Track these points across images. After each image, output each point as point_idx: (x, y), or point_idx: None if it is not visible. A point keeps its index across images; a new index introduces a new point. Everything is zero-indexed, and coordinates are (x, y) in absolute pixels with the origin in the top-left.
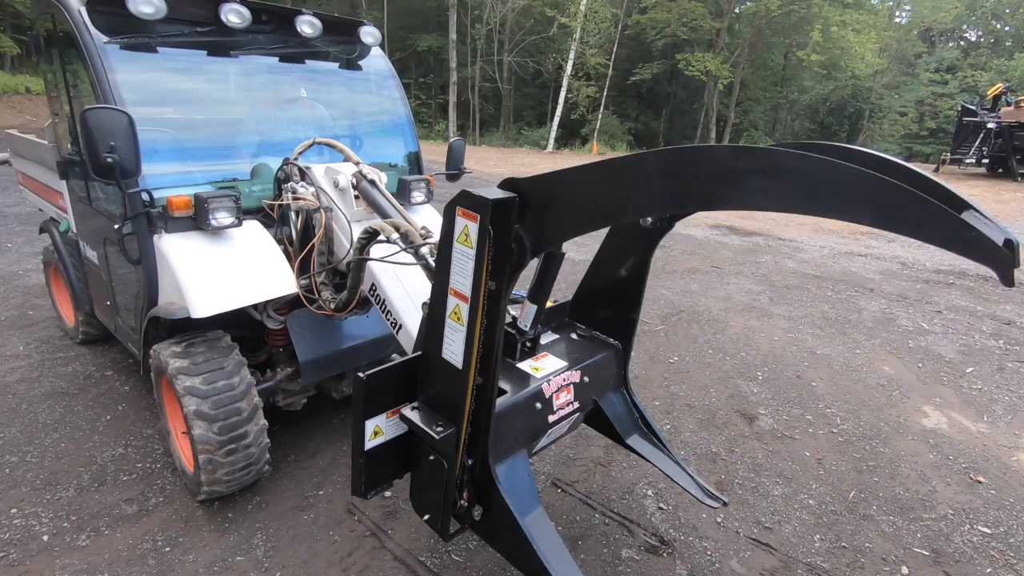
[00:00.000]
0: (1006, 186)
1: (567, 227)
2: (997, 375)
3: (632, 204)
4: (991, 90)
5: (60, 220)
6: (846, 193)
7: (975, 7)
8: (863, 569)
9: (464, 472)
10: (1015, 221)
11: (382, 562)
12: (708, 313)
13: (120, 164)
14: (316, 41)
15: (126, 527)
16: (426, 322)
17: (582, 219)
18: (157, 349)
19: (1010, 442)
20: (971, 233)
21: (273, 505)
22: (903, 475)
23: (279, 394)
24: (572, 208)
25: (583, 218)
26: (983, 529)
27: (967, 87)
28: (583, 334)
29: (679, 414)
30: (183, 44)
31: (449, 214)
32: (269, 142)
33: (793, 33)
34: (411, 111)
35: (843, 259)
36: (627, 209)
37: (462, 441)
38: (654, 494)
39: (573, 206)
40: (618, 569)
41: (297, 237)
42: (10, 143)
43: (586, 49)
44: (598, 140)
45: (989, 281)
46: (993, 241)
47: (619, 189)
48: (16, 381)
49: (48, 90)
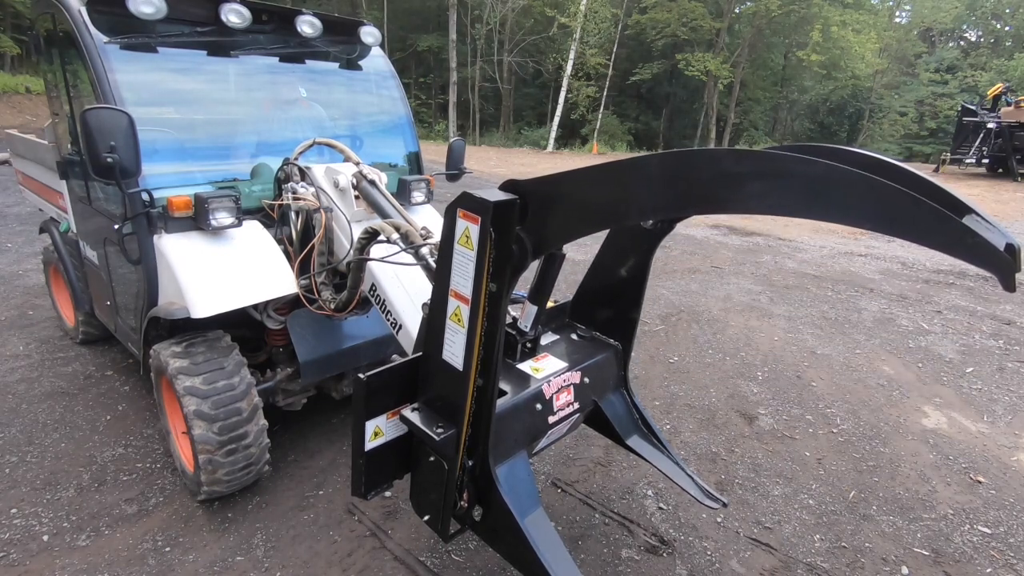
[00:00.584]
0: (1006, 186)
1: (568, 229)
2: (997, 375)
3: (633, 207)
4: (991, 90)
5: (60, 220)
6: (847, 198)
7: (975, 7)
8: (863, 569)
9: (464, 473)
10: (1015, 221)
11: (382, 562)
12: (708, 313)
13: (120, 164)
14: (316, 41)
15: (126, 527)
16: (426, 323)
17: (583, 222)
18: (157, 349)
19: (1010, 442)
20: (973, 238)
21: (273, 505)
22: (903, 475)
23: (279, 394)
24: (573, 211)
25: (584, 221)
26: (983, 529)
27: (967, 87)
28: (583, 335)
29: (679, 414)
30: (183, 44)
31: (450, 216)
32: (269, 142)
33: (793, 33)
34: (411, 111)
35: (843, 259)
36: (628, 212)
37: (462, 442)
38: (654, 494)
39: (574, 209)
40: (618, 569)
41: (297, 237)
42: (10, 143)
43: (586, 49)
44: (598, 140)
45: (989, 281)
46: (994, 246)
47: (620, 192)
48: (16, 381)
49: (48, 90)
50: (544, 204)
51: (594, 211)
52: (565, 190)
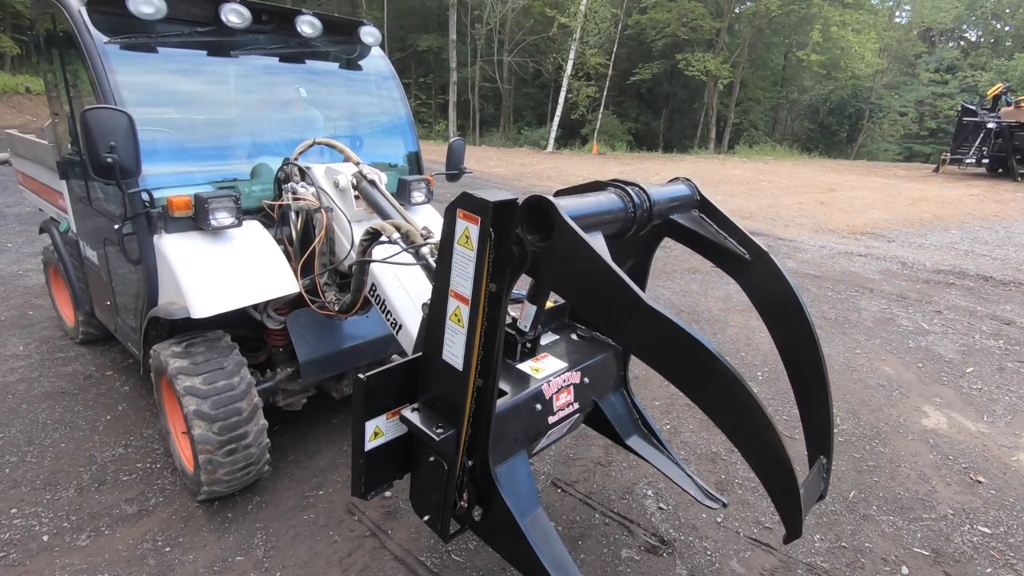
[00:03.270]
0: (1006, 186)
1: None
2: (997, 375)
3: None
4: (991, 90)
5: (60, 220)
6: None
7: (975, 7)
8: (863, 569)
9: (464, 473)
10: (1015, 221)
11: (382, 562)
12: (708, 313)
13: (120, 164)
14: (316, 41)
15: (126, 527)
16: (426, 323)
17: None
18: (157, 349)
19: (1010, 442)
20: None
21: (273, 505)
22: (903, 475)
23: (279, 394)
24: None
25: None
26: (983, 529)
27: (967, 87)
28: (583, 335)
29: (679, 414)
30: (183, 44)
31: (450, 216)
32: (269, 142)
33: (793, 33)
34: (411, 111)
35: (843, 259)
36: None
37: (462, 442)
38: (654, 494)
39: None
40: (618, 569)
41: (297, 237)
42: (10, 143)
43: (586, 49)
44: (598, 140)
45: (989, 281)
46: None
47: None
48: (16, 381)
49: (48, 90)
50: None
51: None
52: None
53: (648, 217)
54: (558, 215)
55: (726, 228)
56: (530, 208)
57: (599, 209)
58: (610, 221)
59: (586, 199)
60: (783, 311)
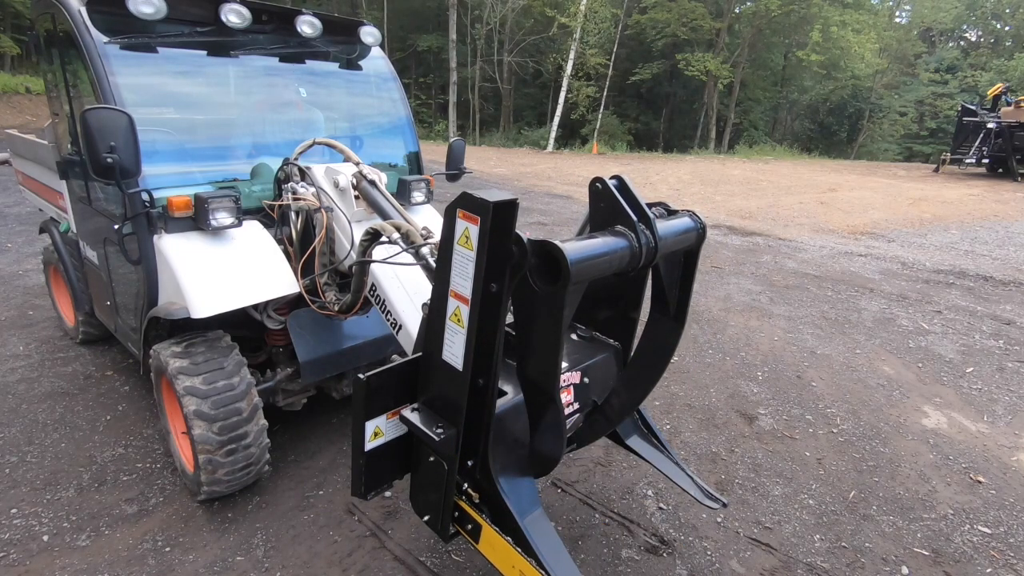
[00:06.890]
0: (1006, 186)
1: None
2: (997, 375)
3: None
4: (991, 90)
5: (60, 220)
6: None
7: (975, 7)
8: (863, 569)
9: (464, 473)
10: (1015, 221)
11: (382, 562)
12: (708, 313)
13: (120, 164)
14: (316, 41)
15: (126, 527)
16: (426, 323)
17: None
18: (157, 349)
19: (1010, 442)
20: None
21: (273, 505)
22: (903, 475)
23: (279, 394)
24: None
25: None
26: (983, 529)
27: (967, 87)
28: (583, 335)
29: (679, 414)
30: (183, 44)
31: (450, 216)
32: (269, 142)
33: (793, 33)
34: (411, 111)
35: (843, 259)
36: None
37: (462, 442)
38: (654, 494)
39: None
40: (618, 569)
41: (297, 237)
42: (10, 143)
43: (586, 49)
44: (598, 140)
45: (989, 281)
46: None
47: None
48: (16, 381)
49: (48, 90)
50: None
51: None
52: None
53: (653, 256)
54: (566, 266)
55: (684, 286)
56: (543, 254)
57: (606, 251)
58: (615, 263)
59: (594, 242)
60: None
